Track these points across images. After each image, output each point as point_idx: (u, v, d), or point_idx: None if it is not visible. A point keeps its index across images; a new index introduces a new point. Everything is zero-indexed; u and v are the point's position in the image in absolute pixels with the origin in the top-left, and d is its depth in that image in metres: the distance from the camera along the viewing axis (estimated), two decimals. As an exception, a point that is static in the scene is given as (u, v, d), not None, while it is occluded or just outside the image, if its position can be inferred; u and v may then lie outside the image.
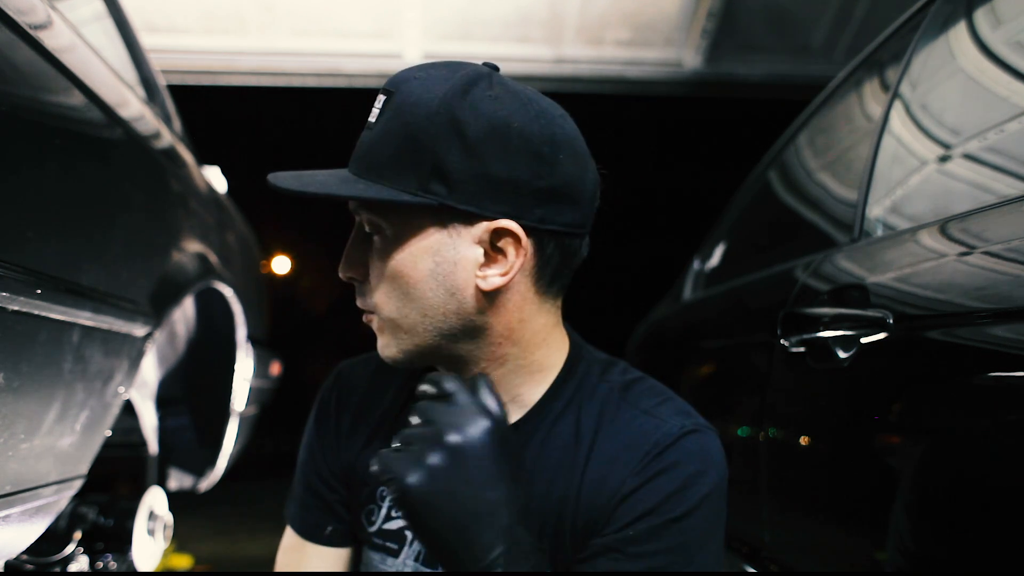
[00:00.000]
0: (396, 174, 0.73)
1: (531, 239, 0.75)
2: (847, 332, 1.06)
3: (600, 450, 0.80)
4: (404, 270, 0.75)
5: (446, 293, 0.76)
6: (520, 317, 0.79)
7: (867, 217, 1.23)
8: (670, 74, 4.65)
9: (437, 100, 0.72)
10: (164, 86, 1.96)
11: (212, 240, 1.80)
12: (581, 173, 0.77)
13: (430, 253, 0.75)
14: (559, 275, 0.80)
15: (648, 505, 0.75)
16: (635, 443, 0.78)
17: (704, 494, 0.76)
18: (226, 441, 2.15)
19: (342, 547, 0.93)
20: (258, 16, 4.29)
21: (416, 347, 0.79)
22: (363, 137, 0.76)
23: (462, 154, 0.72)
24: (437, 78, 0.74)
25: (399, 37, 4.40)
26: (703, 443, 0.78)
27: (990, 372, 0.79)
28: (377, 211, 0.76)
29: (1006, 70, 1.05)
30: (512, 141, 0.72)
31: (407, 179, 0.72)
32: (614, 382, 0.84)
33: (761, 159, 2.02)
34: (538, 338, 0.81)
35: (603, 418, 0.81)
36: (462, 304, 0.76)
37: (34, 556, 1.49)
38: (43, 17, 1.07)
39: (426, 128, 0.72)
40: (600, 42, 4.49)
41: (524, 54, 4.45)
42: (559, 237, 0.77)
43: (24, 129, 0.93)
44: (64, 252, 1.01)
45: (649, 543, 0.74)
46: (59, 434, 1.04)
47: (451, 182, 0.72)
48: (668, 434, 0.78)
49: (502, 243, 0.75)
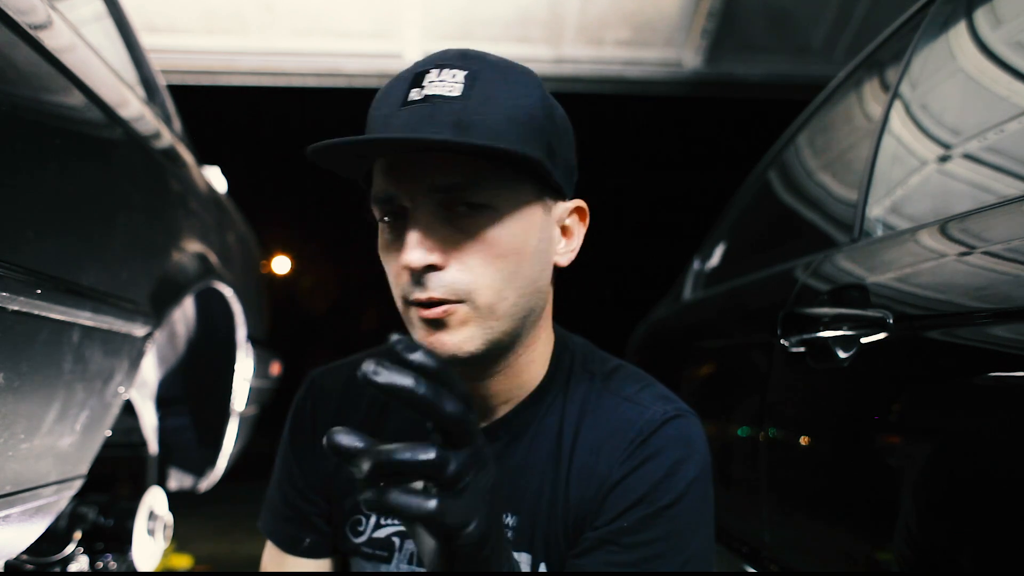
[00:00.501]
0: (522, 142, 0.70)
1: None
2: (847, 332, 1.06)
3: (584, 440, 0.80)
4: (517, 247, 0.72)
5: (543, 271, 0.76)
6: (551, 296, 0.82)
7: (867, 217, 1.23)
8: (670, 74, 4.65)
9: (535, 87, 0.74)
10: (164, 86, 1.96)
11: (212, 240, 1.80)
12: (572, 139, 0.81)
13: (537, 230, 0.74)
14: None
15: (638, 494, 0.75)
16: (619, 431, 0.79)
17: (691, 479, 0.76)
18: (226, 441, 2.15)
19: (322, 558, 0.92)
20: (258, 16, 4.29)
21: (503, 334, 0.74)
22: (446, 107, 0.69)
23: (556, 140, 0.74)
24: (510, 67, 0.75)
25: (399, 37, 4.41)
26: (686, 428, 0.79)
27: (990, 372, 0.79)
28: (492, 186, 0.70)
29: (1006, 70, 1.05)
30: (568, 132, 0.78)
31: (533, 148, 0.71)
32: (595, 371, 0.85)
33: (761, 159, 2.02)
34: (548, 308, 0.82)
35: (586, 407, 0.82)
36: (545, 282, 0.78)
37: (34, 556, 1.49)
38: (43, 17, 1.07)
39: (536, 112, 0.72)
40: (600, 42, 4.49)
41: (524, 54, 4.45)
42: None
43: (24, 129, 0.93)
44: (64, 252, 1.01)
45: (643, 532, 0.74)
46: (59, 434, 1.04)
47: (556, 161, 0.74)
48: (651, 421, 0.78)
49: (570, 220, 0.79)
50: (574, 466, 0.79)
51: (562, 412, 0.82)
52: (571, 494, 0.78)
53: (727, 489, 1.52)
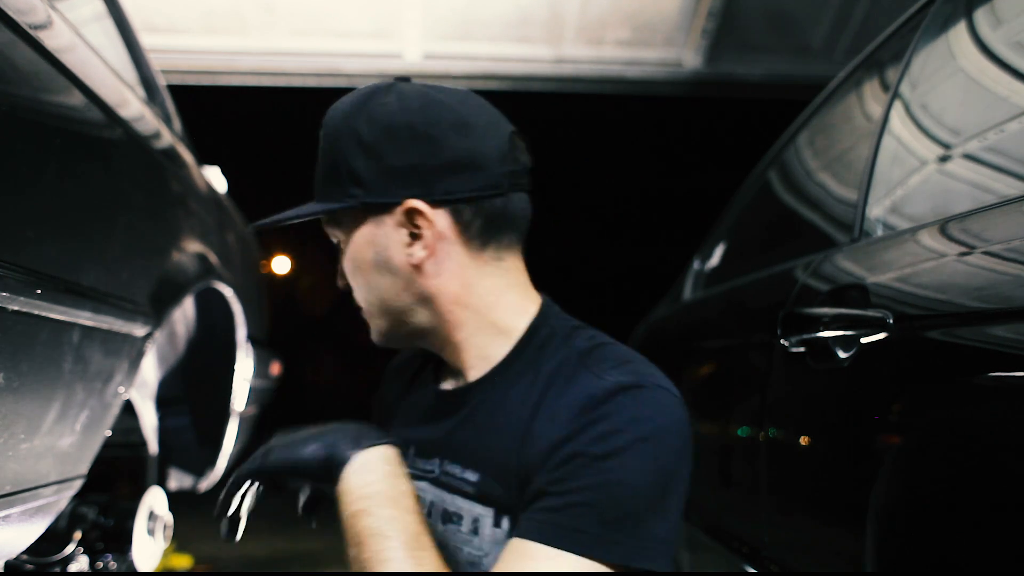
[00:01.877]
0: (327, 190, 0.89)
1: (445, 210, 0.86)
2: (847, 332, 1.06)
3: (545, 407, 0.83)
4: (357, 265, 0.90)
5: (391, 275, 0.88)
6: (463, 282, 0.88)
7: (867, 217, 1.23)
8: (670, 74, 4.64)
9: (340, 119, 0.88)
10: (164, 86, 1.96)
11: (212, 240, 1.80)
12: (479, 143, 0.86)
13: (370, 245, 0.88)
14: (490, 236, 0.88)
15: (575, 448, 0.77)
16: (575, 399, 0.80)
17: (635, 438, 0.76)
18: (226, 441, 2.15)
19: None
20: (258, 16, 4.29)
21: (389, 327, 0.92)
22: None
23: (365, 158, 0.85)
24: (344, 102, 0.90)
25: (399, 37, 4.41)
26: (644, 396, 0.79)
27: (990, 372, 0.79)
28: (330, 225, 0.92)
29: (1006, 70, 1.05)
30: (400, 134, 0.85)
31: (333, 191, 0.88)
32: (576, 347, 0.87)
33: (761, 159, 2.02)
34: (490, 299, 0.89)
35: (556, 379, 0.84)
36: (408, 282, 0.88)
37: (34, 556, 1.49)
38: (43, 17, 1.07)
39: (335, 145, 0.87)
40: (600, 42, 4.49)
41: (524, 54, 4.45)
42: (473, 202, 0.86)
43: (24, 129, 0.93)
44: (64, 252, 1.01)
45: (573, 480, 0.76)
46: (59, 434, 1.04)
47: (364, 183, 0.86)
48: (605, 388, 0.79)
49: (418, 221, 0.85)
50: (532, 430, 0.82)
51: (532, 381, 0.86)
52: (525, 454, 0.81)
53: (727, 489, 1.52)
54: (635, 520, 0.75)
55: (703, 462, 1.66)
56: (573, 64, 4.55)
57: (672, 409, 0.80)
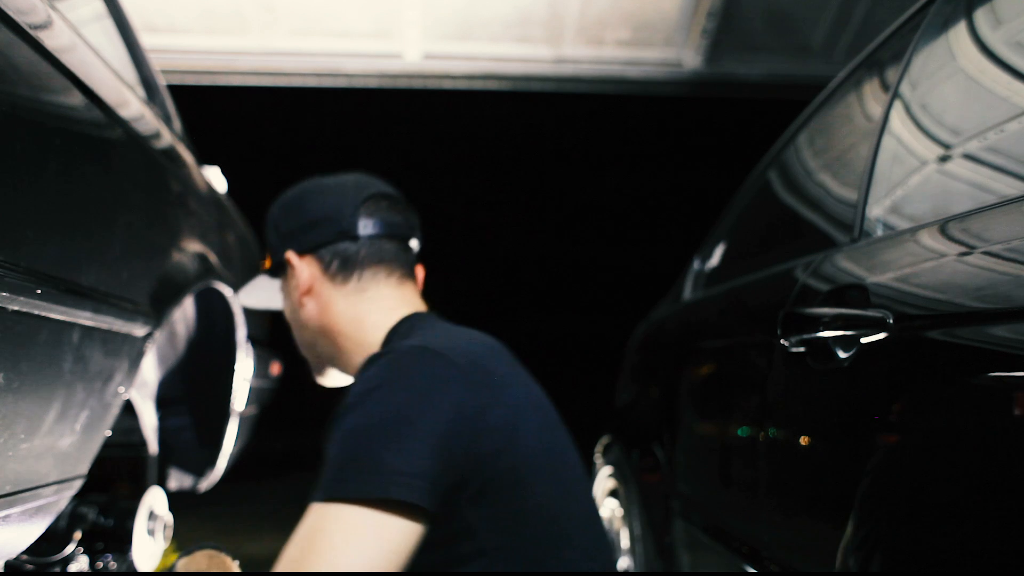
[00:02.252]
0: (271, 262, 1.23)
1: (312, 257, 1.15)
2: (847, 332, 1.06)
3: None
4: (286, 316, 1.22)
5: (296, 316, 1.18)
6: (333, 312, 1.13)
7: (867, 217, 1.23)
8: (670, 74, 4.65)
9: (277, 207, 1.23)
10: (164, 86, 1.96)
11: (212, 240, 1.80)
12: (335, 201, 1.14)
13: (285, 298, 1.21)
14: (350, 272, 1.13)
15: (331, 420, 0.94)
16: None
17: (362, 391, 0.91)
18: (226, 441, 2.15)
19: None
20: (258, 16, 4.29)
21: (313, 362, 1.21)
22: None
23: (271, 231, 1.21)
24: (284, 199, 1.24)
25: (399, 37, 4.41)
26: (385, 361, 0.95)
27: (990, 372, 0.79)
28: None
29: (1006, 70, 1.05)
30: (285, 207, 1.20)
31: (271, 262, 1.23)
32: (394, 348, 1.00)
33: (761, 159, 2.02)
34: (356, 324, 1.12)
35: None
36: (307, 322, 1.16)
37: (34, 556, 1.49)
38: (43, 17, 1.07)
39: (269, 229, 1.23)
40: (600, 42, 4.49)
41: (524, 54, 4.45)
42: (329, 247, 1.14)
43: (24, 129, 0.93)
44: (64, 252, 1.01)
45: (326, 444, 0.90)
46: (59, 434, 1.04)
47: (272, 250, 1.19)
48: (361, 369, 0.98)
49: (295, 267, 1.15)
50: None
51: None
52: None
53: (727, 489, 1.52)
54: (369, 459, 0.85)
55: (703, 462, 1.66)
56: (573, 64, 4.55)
57: (409, 364, 0.93)
